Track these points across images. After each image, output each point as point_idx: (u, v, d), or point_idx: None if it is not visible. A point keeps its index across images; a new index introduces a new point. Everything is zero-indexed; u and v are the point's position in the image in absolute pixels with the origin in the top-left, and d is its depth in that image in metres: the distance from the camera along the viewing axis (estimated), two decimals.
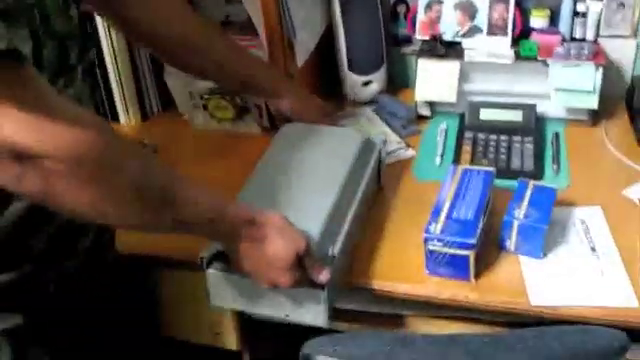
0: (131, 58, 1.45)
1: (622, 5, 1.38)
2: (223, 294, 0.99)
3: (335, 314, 1.00)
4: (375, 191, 1.21)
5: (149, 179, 0.78)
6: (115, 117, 1.50)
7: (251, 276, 0.92)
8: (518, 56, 1.36)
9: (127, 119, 1.50)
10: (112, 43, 1.41)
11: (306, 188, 1.04)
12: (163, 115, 1.53)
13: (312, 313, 0.96)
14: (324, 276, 0.92)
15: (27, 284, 0.87)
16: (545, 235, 1.03)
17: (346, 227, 1.02)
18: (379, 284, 1.04)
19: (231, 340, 1.20)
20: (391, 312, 1.13)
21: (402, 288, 1.03)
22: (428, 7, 1.43)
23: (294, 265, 0.90)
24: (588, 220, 1.11)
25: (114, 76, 1.45)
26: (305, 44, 1.37)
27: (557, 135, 1.33)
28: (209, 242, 0.97)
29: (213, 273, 0.97)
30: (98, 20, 1.38)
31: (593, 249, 1.05)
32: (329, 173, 1.07)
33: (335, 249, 0.98)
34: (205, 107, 1.42)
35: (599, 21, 1.39)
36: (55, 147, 0.67)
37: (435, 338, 0.81)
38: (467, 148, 1.30)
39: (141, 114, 1.51)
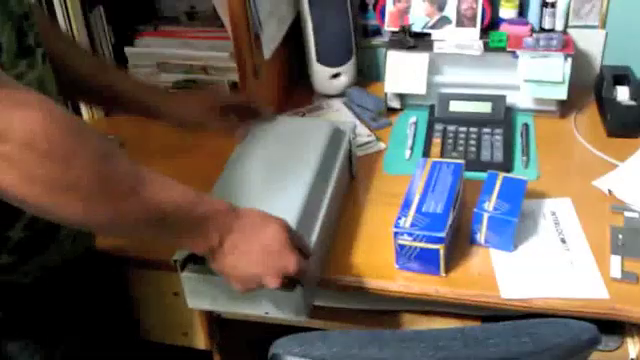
0: (93, 50, 1.41)
1: None
2: (200, 296, 0.97)
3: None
4: (348, 182, 1.19)
5: (111, 165, 0.72)
6: (77, 111, 1.46)
7: (244, 274, 0.85)
8: (487, 47, 1.35)
9: (89, 113, 1.46)
10: (73, 36, 1.37)
11: (278, 182, 1.02)
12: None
13: (291, 309, 0.94)
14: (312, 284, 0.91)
15: (6, 275, 0.84)
16: (515, 228, 1.02)
17: (320, 219, 1.01)
18: (352, 280, 1.03)
19: (200, 340, 1.18)
20: (365, 308, 1.12)
21: (374, 284, 1.02)
22: None
23: (293, 246, 0.86)
24: (558, 211, 1.11)
25: None
26: (272, 37, 1.34)
27: (527, 126, 1.33)
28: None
29: (189, 275, 0.95)
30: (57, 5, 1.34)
31: (563, 240, 1.05)
32: (300, 165, 1.05)
33: (312, 242, 0.96)
34: None
35: (568, 11, 1.39)
36: (2, 129, 0.63)
37: (404, 334, 0.79)
38: (437, 140, 1.29)
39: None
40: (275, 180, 1.02)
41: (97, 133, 0.73)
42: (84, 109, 1.46)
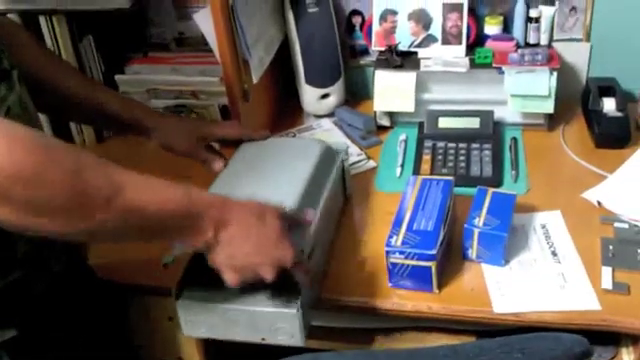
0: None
1: (574, 9, 1.40)
2: (196, 323, 0.97)
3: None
4: (342, 201, 1.20)
5: (83, 178, 0.71)
6: (69, 139, 1.47)
7: (241, 263, 0.85)
8: (473, 64, 1.36)
9: (81, 140, 1.47)
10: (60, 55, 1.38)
11: (267, 196, 1.02)
12: (119, 136, 1.50)
13: (288, 334, 0.94)
14: (310, 216, 0.93)
15: (17, 290, 0.85)
16: (505, 242, 1.02)
17: (312, 237, 1.00)
18: (346, 300, 1.03)
19: None
20: (359, 327, 1.12)
21: (367, 302, 1.03)
22: (383, 18, 1.43)
23: (289, 239, 0.87)
24: (548, 224, 1.11)
25: None
26: (260, 61, 1.35)
27: (515, 140, 1.34)
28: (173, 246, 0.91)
29: (185, 303, 0.95)
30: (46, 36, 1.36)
31: (554, 253, 1.06)
32: (289, 182, 1.05)
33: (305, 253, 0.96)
34: None
35: (552, 26, 1.40)
36: None
37: (398, 354, 0.80)
38: (427, 157, 1.30)
39: (96, 135, 1.48)
40: (264, 195, 1.03)
41: (67, 148, 0.73)
42: (76, 137, 1.47)
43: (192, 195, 0.81)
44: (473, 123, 1.34)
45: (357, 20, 1.51)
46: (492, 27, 1.41)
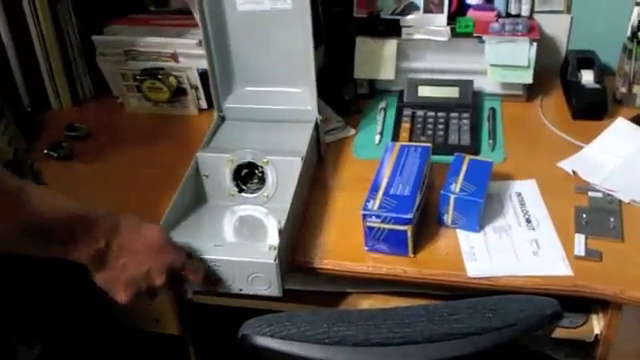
0: (60, 41, 1.40)
1: None
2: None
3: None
4: (315, 164, 1.20)
5: None
6: (46, 102, 1.45)
7: (133, 274, 0.87)
8: (454, 33, 1.36)
9: (58, 104, 1.46)
10: (39, 25, 1.36)
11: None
12: (96, 99, 1.49)
13: (266, 284, 0.96)
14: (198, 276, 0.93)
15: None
16: (481, 209, 1.03)
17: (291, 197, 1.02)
18: (321, 263, 1.03)
19: (171, 326, 1.18)
20: (335, 290, 1.13)
21: (343, 266, 1.03)
22: None
23: (174, 244, 0.91)
24: (524, 192, 1.12)
25: (43, 60, 1.40)
26: None
27: (493, 110, 1.35)
28: None
29: None
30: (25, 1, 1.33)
31: (528, 220, 1.07)
32: None
33: (282, 222, 0.98)
34: (139, 89, 1.38)
35: None
36: None
37: (371, 313, 0.81)
38: (406, 125, 1.30)
39: (72, 98, 1.46)
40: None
41: None
42: (53, 100, 1.45)
43: (85, 208, 0.83)
44: (452, 92, 1.34)
45: None
46: None
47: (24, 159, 1.00)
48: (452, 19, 1.39)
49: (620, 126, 1.25)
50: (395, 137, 1.28)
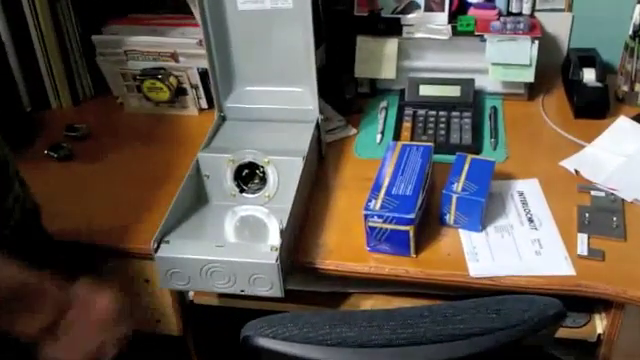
0: (60, 41, 1.40)
1: None
2: (175, 276, 0.99)
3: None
4: (317, 162, 1.20)
5: None
6: (46, 102, 1.44)
7: (83, 350, 0.83)
8: (455, 32, 1.35)
9: (58, 104, 1.45)
10: (39, 25, 1.36)
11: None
12: (96, 99, 1.49)
13: (268, 285, 0.96)
14: None
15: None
16: (483, 208, 1.03)
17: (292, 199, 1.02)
18: (323, 263, 1.03)
19: (172, 327, 1.17)
20: (337, 291, 1.13)
21: (344, 266, 1.03)
22: None
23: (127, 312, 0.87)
24: (526, 192, 1.12)
25: (42, 60, 1.40)
26: None
27: (495, 109, 1.34)
28: None
29: (163, 255, 0.97)
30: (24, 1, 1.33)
31: (531, 220, 1.06)
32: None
33: (284, 222, 0.98)
34: (139, 89, 1.37)
35: None
36: None
37: (373, 314, 0.80)
38: (407, 125, 1.29)
39: (72, 98, 1.46)
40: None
41: None
42: (53, 100, 1.45)
43: (39, 277, 0.80)
44: (454, 91, 1.34)
45: None
46: None
47: (10, 162, 0.96)
48: (453, 17, 1.38)
49: (622, 125, 1.25)
50: (396, 136, 1.28)
